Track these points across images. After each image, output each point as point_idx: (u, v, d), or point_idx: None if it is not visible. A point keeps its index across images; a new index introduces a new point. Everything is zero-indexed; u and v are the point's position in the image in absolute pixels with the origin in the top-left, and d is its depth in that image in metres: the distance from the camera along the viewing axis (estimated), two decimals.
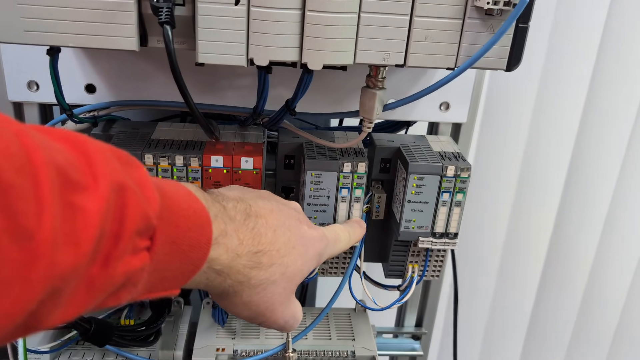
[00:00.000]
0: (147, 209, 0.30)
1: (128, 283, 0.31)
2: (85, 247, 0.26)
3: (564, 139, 1.05)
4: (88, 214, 0.26)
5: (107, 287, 0.29)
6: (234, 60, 0.44)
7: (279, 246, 0.42)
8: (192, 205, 0.36)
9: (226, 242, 0.38)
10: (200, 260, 0.36)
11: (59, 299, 0.26)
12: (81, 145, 0.28)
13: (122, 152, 0.31)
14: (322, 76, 0.60)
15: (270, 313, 0.43)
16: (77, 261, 0.26)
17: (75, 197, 0.26)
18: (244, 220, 0.41)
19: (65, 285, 0.26)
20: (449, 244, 0.58)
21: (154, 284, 0.33)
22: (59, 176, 0.25)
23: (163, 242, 0.32)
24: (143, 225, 0.30)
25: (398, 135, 0.63)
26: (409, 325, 0.80)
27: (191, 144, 0.55)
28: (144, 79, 0.60)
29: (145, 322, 0.62)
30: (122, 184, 0.29)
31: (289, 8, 0.42)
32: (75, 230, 0.26)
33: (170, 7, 0.40)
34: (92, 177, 0.27)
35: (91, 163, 0.27)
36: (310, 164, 0.54)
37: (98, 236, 0.27)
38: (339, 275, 0.60)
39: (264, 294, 0.42)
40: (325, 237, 0.48)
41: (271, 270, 0.41)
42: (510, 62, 0.46)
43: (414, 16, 0.43)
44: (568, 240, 1.14)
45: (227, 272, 0.39)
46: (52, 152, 0.26)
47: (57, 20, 0.41)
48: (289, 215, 0.45)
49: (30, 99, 0.60)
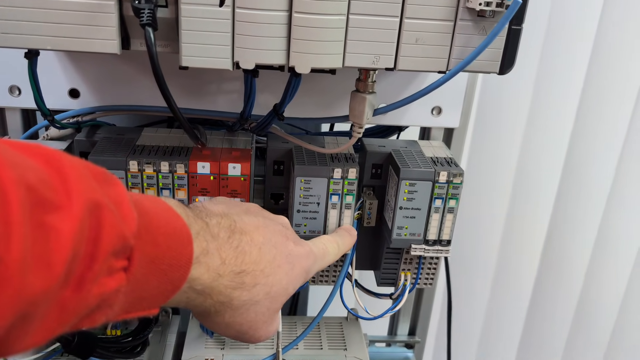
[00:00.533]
0: (123, 228, 0.29)
1: (103, 305, 0.29)
2: (57, 270, 0.25)
3: (557, 144, 1.05)
4: (61, 234, 0.25)
5: (80, 310, 0.28)
6: (219, 64, 0.42)
7: (263, 265, 0.41)
8: (173, 222, 0.34)
9: (208, 261, 0.37)
10: (180, 280, 0.35)
11: (29, 323, 0.25)
12: (55, 161, 0.27)
13: (99, 169, 0.30)
14: (310, 80, 0.58)
15: (254, 331, 0.42)
16: (48, 284, 0.25)
17: (47, 217, 0.25)
18: (227, 237, 0.39)
19: (35, 310, 0.25)
20: (442, 251, 0.56)
21: (132, 304, 0.32)
22: (30, 195, 0.24)
23: (141, 261, 0.31)
24: (119, 245, 0.29)
25: (389, 141, 0.62)
26: (402, 333, 0.79)
27: (177, 150, 0.53)
28: (129, 83, 0.59)
29: (132, 333, 0.60)
30: (97, 202, 0.27)
31: (276, 10, 0.41)
32: (46, 252, 0.24)
33: (152, 9, 0.39)
34: (65, 196, 0.26)
35: (65, 181, 0.26)
36: (300, 170, 0.53)
37: (71, 258, 0.25)
38: (330, 283, 0.59)
39: (247, 314, 0.40)
40: (313, 253, 0.46)
41: (254, 291, 0.40)
42: (504, 65, 0.45)
43: (404, 18, 0.42)
44: (562, 245, 1.13)
45: (209, 292, 0.38)
46: (24, 170, 0.24)
47: (34, 22, 0.40)
48: (275, 232, 0.44)
49: (12, 104, 0.59)
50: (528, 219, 1.11)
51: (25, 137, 0.60)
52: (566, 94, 1.00)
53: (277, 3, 0.40)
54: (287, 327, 0.65)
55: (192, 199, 0.53)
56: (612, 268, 1.16)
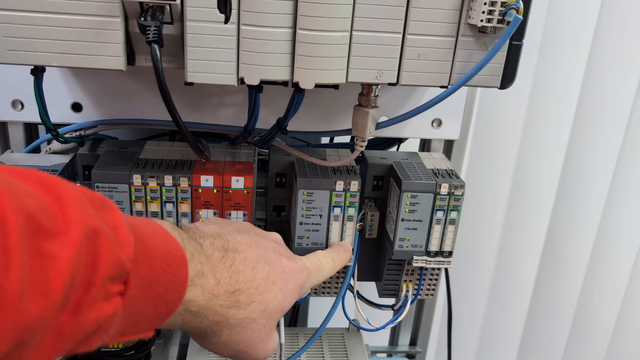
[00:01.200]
0: (120, 254, 0.29)
1: (99, 329, 0.30)
2: (54, 297, 0.25)
3: (555, 154, 1.05)
4: (59, 262, 0.25)
5: (77, 335, 0.28)
6: (224, 80, 0.43)
7: (258, 283, 0.41)
8: (168, 245, 0.35)
9: (202, 282, 0.37)
10: (175, 303, 0.35)
11: (26, 350, 0.25)
12: (53, 188, 0.27)
13: (96, 195, 0.31)
14: (313, 94, 0.59)
15: (252, 350, 0.42)
16: (45, 311, 0.25)
17: (45, 244, 0.25)
18: (221, 257, 0.40)
19: (32, 337, 0.25)
20: (443, 262, 0.57)
21: (127, 327, 0.32)
22: (28, 223, 0.24)
23: (137, 285, 0.31)
24: (116, 271, 0.29)
25: (390, 153, 0.62)
26: (403, 344, 0.79)
27: (180, 164, 0.54)
28: (132, 97, 0.59)
29: (134, 346, 0.60)
30: (95, 228, 0.28)
31: (280, 26, 0.41)
32: (44, 280, 0.25)
33: (158, 26, 0.39)
34: (63, 223, 0.26)
35: (63, 207, 0.27)
36: (303, 182, 0.53)
37: (68, 284, 0.26)
38: (332, 295, 0.59)
39: (243, 332, 0.41)
40: (306, 269, 0.47)
41: (250, 309, 0.40)
42: (504, 80, 0.45)
43: (406, 34, 0.43)
44: (561, 255, 1.14)
45: (204, 313, 0.38)
46: (22, 198, 0.25)
47: (41, 40, 0.40)
48: (267, 248, 0.44)
49: (15, 119, 0.59)
50: (526, 230, 1.11)
51: (27, 151, 0.60)
52: (562, 106, 1.01)
53: (282, 20, 0.41)
54: (289, 339, 0.65)
55: (195, 212, 0.53)
56: (611, 278, 1.16)
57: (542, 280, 1.16)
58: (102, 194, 0.31)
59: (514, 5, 0.41)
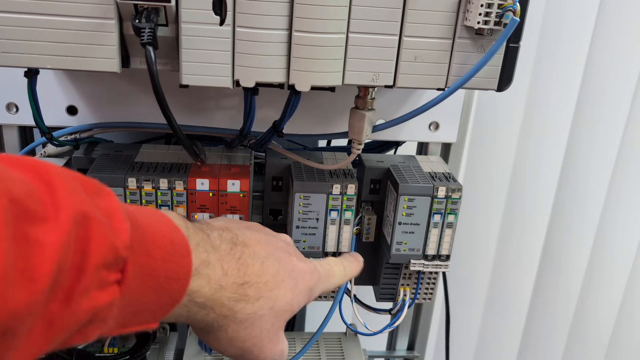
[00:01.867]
0: (114, 240, 0.29)
1: (95, 319, 0.29)
2: (41, 283, 0.24)
3: (553, 157, 1.05)
4: (45, 247, 0.24)
5: (70, 325, 0.27)
6: (219, 82, 0.42)
7: (266, 278, 0.40)
8: (169, 234, 0.34)
9: (208, 272, 0.36)
10: (179, 293, 0.34)
11: (13, 339, 0.24)
12: (44, 174, 0.27)
13: (91, 181, 0.30)
14: (309, 97, 0.58)
15: (258, 350, 0.41)
16: (32, 298, 0.24)
17: (31, 229, 0.24)
18: (229, 249, 0.39)
19: (19, 325, 0.24)
20: (441, 266, 0.56)
21: (128, 318, 0.32)
22: (13, 208, 0.24)
23: (135, 274, 0.30)
24: (111, 257, 0.28)
25: (387, 156, 0.62)
26: (401, 348, 0.78)
27: (176, 167, 0.53)
28: (127, 100, 0.59)
29: (130, 351, 0.60)
30: (85, 213, 0.27)
31: (276, 28, 0.41)
32: (30, 266, 0.24)
33: (152, 28, 0.39)
34: (52, 208, 0.25)
35: (53, 193, 0.26)
36: (299, 186, 0.53)
37: (56, 270, 0.25)
38: (329, 299, 0.59)
39: (251, 329, 0.39)
40: (317, 271, 0.45)
41: (258, 304, 0.39)
42: (502, 82, 0.45)
43: (403, 36, 0.43)
44: (558, 259, 1.13)
45: (211, 305, 0.37)
46: (8, 183, 0.24)
47: (35, 42, 0.40)
48: (277, 247, 0.43)
49: (10, 122, 0.59)
50: (524, 233, 1.11)
51: (22, 154, 0.59)
52: (559, 108, 1.01)
53: (278, 22, 0.41)
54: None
55: (191, 215, 0.53)
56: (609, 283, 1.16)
57: (540, 284, 1.16)
58: (97, 180, 0.30)
59: (511, 7, 0.41)
